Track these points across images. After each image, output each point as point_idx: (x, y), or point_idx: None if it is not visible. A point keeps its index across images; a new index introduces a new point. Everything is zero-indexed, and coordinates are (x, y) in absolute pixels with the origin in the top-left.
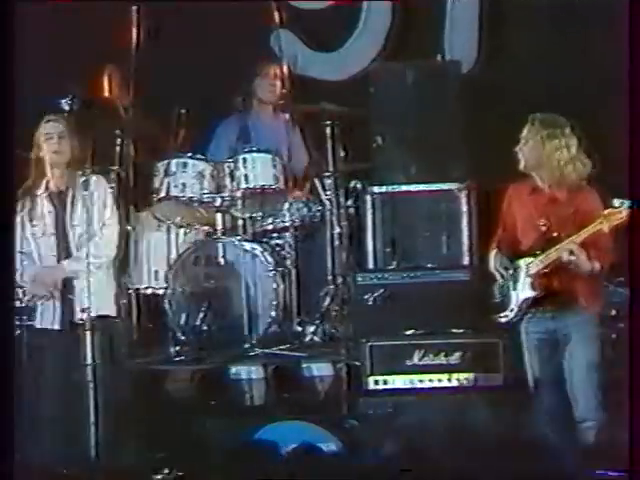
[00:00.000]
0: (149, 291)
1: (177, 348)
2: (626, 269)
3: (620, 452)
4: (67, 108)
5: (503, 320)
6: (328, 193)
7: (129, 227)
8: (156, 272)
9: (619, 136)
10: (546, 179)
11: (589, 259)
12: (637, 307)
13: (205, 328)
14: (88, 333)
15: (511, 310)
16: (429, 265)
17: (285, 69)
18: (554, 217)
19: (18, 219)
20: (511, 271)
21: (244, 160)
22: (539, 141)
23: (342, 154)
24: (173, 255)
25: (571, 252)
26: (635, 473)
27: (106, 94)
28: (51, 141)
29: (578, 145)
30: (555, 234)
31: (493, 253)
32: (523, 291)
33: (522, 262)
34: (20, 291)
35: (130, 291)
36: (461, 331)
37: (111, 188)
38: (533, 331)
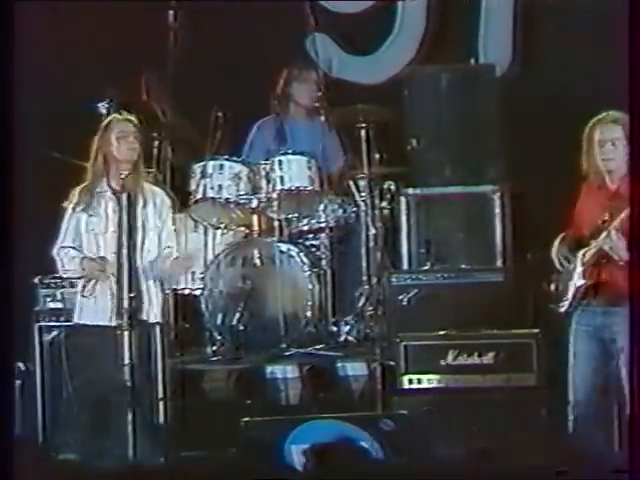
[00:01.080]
0: (186, 292)
1: (214, 348)
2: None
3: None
4: (105, 112)
5: (562, 310)
6: (363, 195)
7: None
8: (193, 273)
9: None
10: (614, 175)
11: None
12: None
13: (241, 328)
14: (126, 333)
15: (566, 300)
16: (463, 266)
17: (321, 72)
18: (616, 212)
19: (69, 213)
20: (572, 264)
21: (280, 162)
22: (611, 141)
23: (377, 156)
24: (210, 256)
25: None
26: (635, 473)
27: (144, 97)
28: (127, 139)
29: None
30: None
31: (557, 241)
32: (577, 280)
33: (580, 253)
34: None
35: (167, 292)
36: (494, 331)
37: None
38: (584, 324)
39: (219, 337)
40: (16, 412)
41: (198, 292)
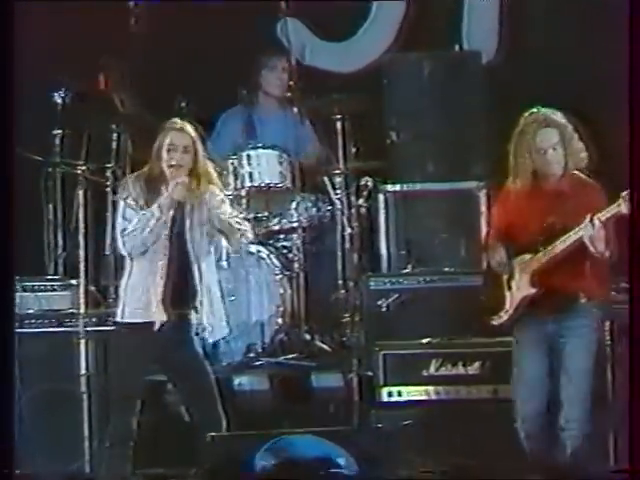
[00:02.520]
0: None
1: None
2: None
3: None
4: (59, 102)
5: (496, 322)
6: (338, 192)
7: None
8: None
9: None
10: (552, 178)
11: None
12: (637, 308)
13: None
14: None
15: (506, 312)
16: (446, 269)
17: (293, 60)
18: (559, 211)
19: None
20: (507, 271)
21: (248, 157)
22: (552, 147)
23: (354, 150)
24: None
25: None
26: (635, 473)
27: (102, 87)
28: (173, 154)
29: (579, 138)
30: (560, 227)
31: (492, 247)
32: (520, 290)
33: (519, 259)
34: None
35: None
36: (481, 339)
37: (106, 186)
38: (528, 334)
39: None
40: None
41: None
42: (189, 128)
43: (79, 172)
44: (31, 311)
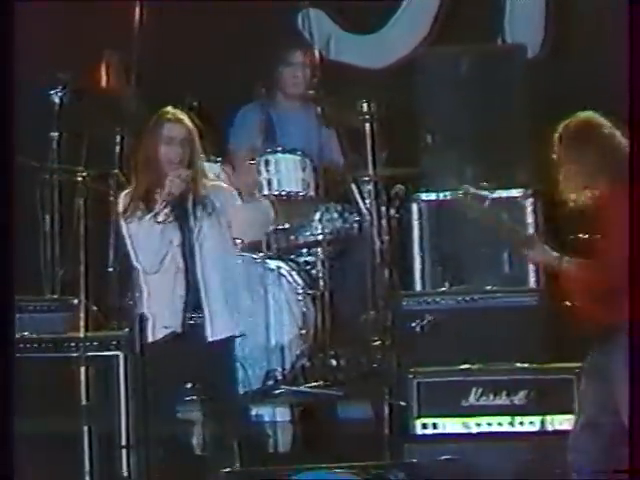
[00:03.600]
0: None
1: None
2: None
3: None
4: (57, 101)
5: None
6: (367, 201)
7: None
8: None
9: None
10: None
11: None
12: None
13: None
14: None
15: None
16: (488, 287)
17: (316, 54)
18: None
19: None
20: None
21: (267, 162)
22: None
23: (384, 155)
24: None
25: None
26: (635, 473)
27: (103, 84)
28: (170, 146)
29: None
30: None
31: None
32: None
33: None
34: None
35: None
36: (526, 365)
37: (109, 195)
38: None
39: None
40: None
41: None
42: (186, 118)
43: (79, 179)
44: (26, 334)
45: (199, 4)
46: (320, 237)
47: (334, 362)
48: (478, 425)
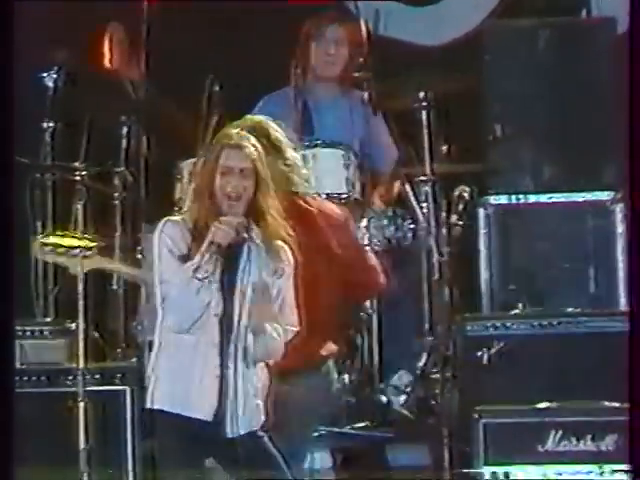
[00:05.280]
0: None
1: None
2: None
3: None
4: (51, 85)
5: None
6: (424, 205)
7: (138, 254)
8: None
9: None
10: None
11: None
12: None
13: None
14: None
15: None
16: (570, 309)
17: (361, 30)
18: None
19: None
20: None
21: (303, 157)
22: None
23: (444, 150)
24: None
25: None
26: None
27: (107, 64)
28: (228, 177)
29: None
30: None
31: None
32: None
33: None
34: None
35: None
36: (616, 405)
37: (113, 198)
38: None
39: None
40: None
41: None
42: (250, 145)
43: (77, 178)
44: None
45: None
46: (368, 248)
47: (383, 398)
48: (559, 475)
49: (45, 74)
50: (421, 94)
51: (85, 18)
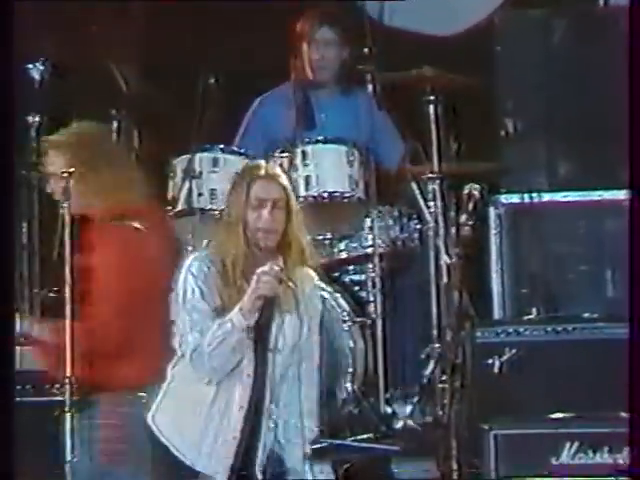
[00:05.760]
0: None
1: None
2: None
3: None
4: (37, 77)
5: None
6: (432, 204)
7: None
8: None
9: None
10: None
11: None
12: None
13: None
14: None
15: None
16: (587, 315)
17: (365, 19)
18: None
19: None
20: None
21: (304, 154)
22: None
23: (454, 146)
24: None
25: None
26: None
27: (96, 56)
28: (261, 211)
29: None
30: None
31: None
32: None
33: None
34: None
35: None
36: (635, 415)
37: None
38: None
39: None
40: None
41: None
42: (280, 175)
43: (64, 176)
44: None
45: None
46: (371, 250)
47: (388, 409)
48: None
49: (31, 65)
50: (429, 87)
51: (72, 5)
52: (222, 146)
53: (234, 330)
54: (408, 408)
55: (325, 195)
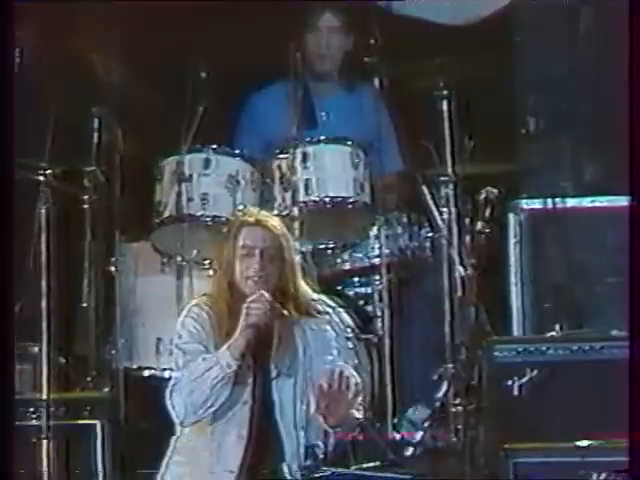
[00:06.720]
0: (146, 373)
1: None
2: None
3: None
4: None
5: None
6: (445, 210)
7: (112, 267)
8: (159, 341)
9: None
10: None
11: None
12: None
13: None
14: None
15: None
16: (615, 332)
17: (371, 9)
18: None
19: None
20: None
21: (304, 155)
22: None
23: (468, 145)
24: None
25: None
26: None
27: (76, 45)
28: (249, 259)
29: None
30: None
31: None
32: None
33: None
34: None
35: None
36: None
37: (82, 202)
38: None
39: None
40: None
41: (167, 374)
42: (275, 224)
43: (40, 178)
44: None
45: None
46: (378, 260)
47: (397, 434)
48: None
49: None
50: (442, 81)
51: None
52: (214, 146)
53: (216, 366)
54: (419, 434)
55: (327, 200)
